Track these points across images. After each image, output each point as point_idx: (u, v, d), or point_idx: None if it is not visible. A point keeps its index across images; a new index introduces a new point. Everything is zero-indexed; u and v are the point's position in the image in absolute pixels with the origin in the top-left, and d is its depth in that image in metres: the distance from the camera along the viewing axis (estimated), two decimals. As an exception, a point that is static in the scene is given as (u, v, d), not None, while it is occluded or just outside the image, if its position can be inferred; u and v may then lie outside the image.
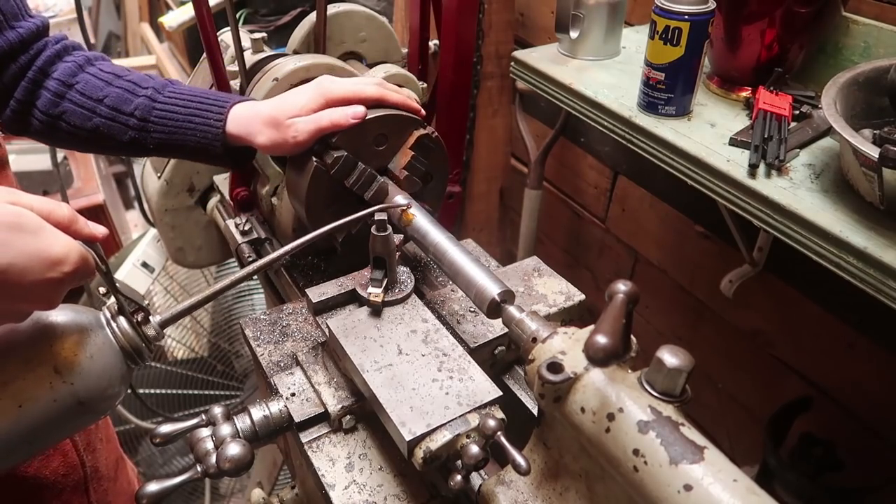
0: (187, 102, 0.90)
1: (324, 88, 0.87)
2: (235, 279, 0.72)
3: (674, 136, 1.00)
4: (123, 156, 0.98)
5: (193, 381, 2.13)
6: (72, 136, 0.92)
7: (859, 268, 0.79)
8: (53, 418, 0.61)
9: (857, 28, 1.01)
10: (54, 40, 0.93)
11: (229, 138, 0.89)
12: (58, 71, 0.91)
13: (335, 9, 1.22)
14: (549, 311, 0.88)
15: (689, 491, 0.49)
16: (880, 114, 0.88)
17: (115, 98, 0.90)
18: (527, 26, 1.76)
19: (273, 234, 1.20)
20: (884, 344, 1.14)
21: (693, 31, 0.95)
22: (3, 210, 0.53)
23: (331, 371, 0.83)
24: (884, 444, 1.19)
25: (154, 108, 0.90)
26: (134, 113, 0.90)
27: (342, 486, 0.74)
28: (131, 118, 0.90)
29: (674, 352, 0.55)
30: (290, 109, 0.86)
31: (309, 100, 0.86)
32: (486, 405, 0.69)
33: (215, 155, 0.91)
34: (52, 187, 2.57)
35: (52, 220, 0.57)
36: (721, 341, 1.48)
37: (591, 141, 1.69)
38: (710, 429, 1.56)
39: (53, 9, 3.31)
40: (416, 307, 0.82)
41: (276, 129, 0.86)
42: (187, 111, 0.89)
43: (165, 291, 2.13)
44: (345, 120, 0.84)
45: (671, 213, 1.51)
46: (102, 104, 0.90)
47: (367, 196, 0.89)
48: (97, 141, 0.92)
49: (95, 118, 0.90)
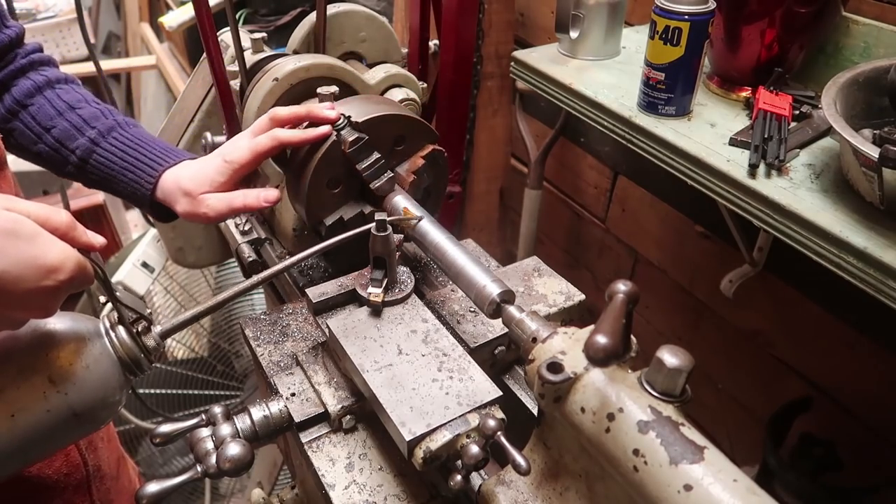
0: (124, 155, 0.92)
1: (230, 161, 0.86)
2: (239, 290, 0.72)
3: (674, 136, 1.00)
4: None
5: (193, 381, 2.13)
6: (18, 151, 0.96)
7: (859, 268, 0.79)
8: (48, 428, 0.60)
9: (857, 28, 1.01)
10: (24, 53, 0.94)
11: (155, 199, 0.91)
12: (17, 88, 0.93)
13: (335, 9, 1.22)
14: (549, 311, 0.88)
15: (689, 491, 0.49)
16: (880, 114, 0.88)
17: (62, 132, 0.92)
18: (527, 26, 1.76)
19: (273, 234, 1.20)
20: (884, 344, 1.14)
21: (693, 31, 0.95)
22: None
23: (331, 371, 0.83)
24: (884, 444, 1.19)
25: (94, 153, 0.92)
26: (75, 151, 0.92)
27: (342, 486, 0.74)
28: (72, 155, 0.92)
29: (674, 352, 0.55)
30: (203, 184, 0.86)
31: (217, 173, 0.86)
32: (486, 405, 0.69)
33: (144, 207, 0.94)
34: (51, 187, 2.57)
35: (48, 226, 0.57)
36: (721, 341, 1.48)
37: (591, 141, 1.68)
38: (710, 429, 1.56)
39: (53, 9, 3.31)
40: (416, 307, 0.82)
41: (191, 203, 0.87)
42: (123, 165, 0.92)
43: (165, 291, 2.12)
44: (257, 203, 0.85)
45: (671, 213, 1.51)
46: (49, 134, 0.92)
47: (374, 186, 0.89)
48: (41, 164, 0.96)
49: (40, 145, 0.93)
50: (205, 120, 1.34)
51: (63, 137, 0.92)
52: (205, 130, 1.23)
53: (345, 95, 1.04)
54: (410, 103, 1.12)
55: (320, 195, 0.91)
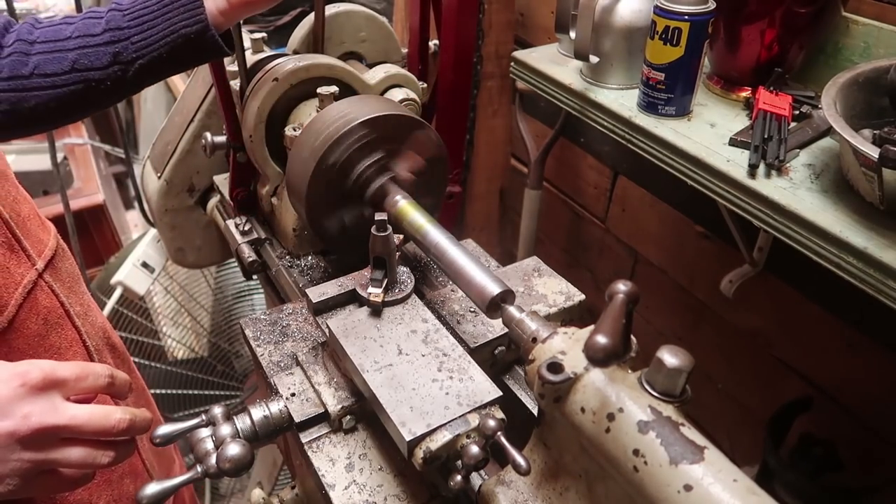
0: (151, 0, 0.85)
1: None
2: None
3: (674, 136, 1.00)
4: (105, 101, 0.88)
5: (193, 381, 2.13)
6: (49, 91, 0.83)
7: (859, 268, 0.79)
8: None
9: (857, 28, 1.01)
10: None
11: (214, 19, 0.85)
12: (13, 34, 0.84)
13: (335, 9, 1.22)
14: (550, 311, 0.88)
15: (689, 491, 0.49)
16: (880, 114, 0.88)
17: (80, 28, 0.84)
18: (527, 26, 1.76)
19: (273, 234, 1.20)
20: (884, 344, 1.14)
21: (693, 31, 0.95)
22: None
23: (331, 371, 0.83)
24: (884, 444, 1.19)
25: (124, 16, 0.84)
26: (105, 30, 0.84)
27: (342, 486, 0.74)
28: (103, 35, 0.83)
29: (674, 352, 0.55)
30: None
31: None
32: (486, 405, 0.69)
33: (202, 39, 0.85)
34: (52, 187, 2.56)
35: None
36: (721, 341, 1.48)
37: (591, 141, 1.68)
38: (710, 429, 1.56)
39: (53, 9, 3.31)
40: (416, 307, 0.82)
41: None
42: (158, 1, 0.84)
43: (165, 291, 2.12)
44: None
45: (671, 213, 1.51)
46: (70, 40, 0.83)
47: (374, 186, 0.90)
48: (77, 83, 0.84)
49: (69, 54, 0.83)
50: (205, 120, 1.34)
51: (84, 31, 0.84)
52: (205, 130, 1.23)
53: (345, 95, 1.04)
54: (410, 103, 1.12)
55: (321, 196, 0.91)
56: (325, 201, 0.91)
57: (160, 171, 1.42)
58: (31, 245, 0.81)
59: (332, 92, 1.01)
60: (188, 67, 0.90)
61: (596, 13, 1.05)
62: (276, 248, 1.17)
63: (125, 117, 3.38)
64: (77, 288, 0.89)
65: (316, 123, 0.92)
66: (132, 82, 0.86)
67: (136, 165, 1.93)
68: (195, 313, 2.18)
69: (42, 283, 0.81)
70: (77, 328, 0.86)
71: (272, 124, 1.09)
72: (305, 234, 1.12)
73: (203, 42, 0.85)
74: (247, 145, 1.12)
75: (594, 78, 1.15)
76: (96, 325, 0.92)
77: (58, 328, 0.83)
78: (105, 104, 0.89)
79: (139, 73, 0.85)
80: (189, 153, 1.38)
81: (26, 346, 0.78)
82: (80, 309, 0.88)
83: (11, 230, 0.79)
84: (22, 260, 0.79)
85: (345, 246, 0.99)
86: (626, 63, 1.10)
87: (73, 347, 0.85)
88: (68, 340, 0.84)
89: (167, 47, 0.84)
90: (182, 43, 0.84)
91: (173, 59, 0.86)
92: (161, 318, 2.15)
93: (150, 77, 0.87)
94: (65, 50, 0.83)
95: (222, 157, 1.27)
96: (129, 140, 3.27)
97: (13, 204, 0.81)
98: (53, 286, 0.83)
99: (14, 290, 0.77)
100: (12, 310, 0.76)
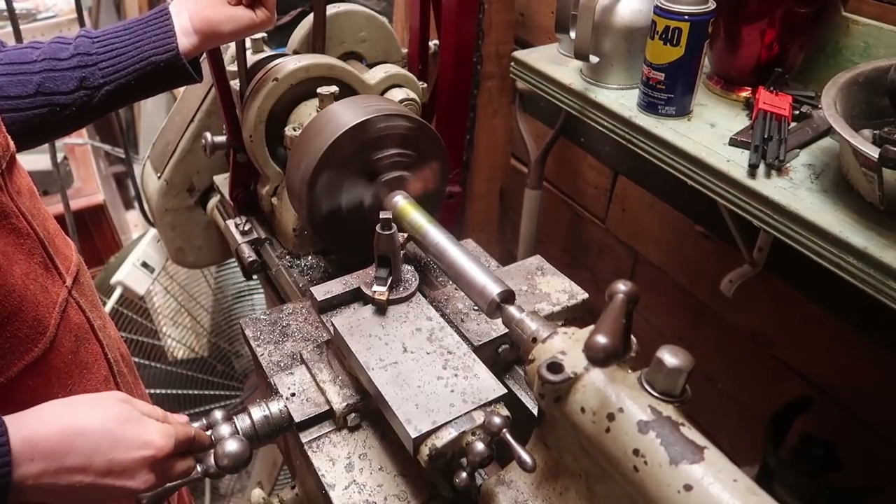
0: (121, 29, 0.86)
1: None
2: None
3: (674, 136, 1.00)
4: (69, 126, 0.88)
5: (193, 381, 2.13)
6: (11, 115, 0.82)
7: (859, 268, 0.79)
8: None
9: (857, 28, 1.01)
10: None
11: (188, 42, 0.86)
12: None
13: (335, 9, 1.22)
14: (553, 309, 0.88)
15: (689, 491, 0.49)
16: (880, 114, 0.88)
17: (47, 51, 0.84)
18: (527, 26, 1.76)
19: (273, 234, 1.20)
20: (884, 344, 1.14)
21: (693, 31, 0.95)
22: None
23: (335, 369, 0.83)
24: (884, 444, 1.19)
25: (93, 43, 0.84)
26: (73, 55, 0.83)
27: (342, 486, 0.74)
28: (71, 60, 0.83)
29: (674, 352, 0.55)
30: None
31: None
32: (491, 402, 0.69)
33: (173, 66, 0.85)
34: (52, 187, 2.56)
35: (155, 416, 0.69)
36: (721, 341, 1.48)
37: (591, 141, 1.68)
38: (710, 429, 1.56)
39: (54, 9, 3.31)
40: (420, 305, 0.82)
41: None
42: (127, 30, 0.85)
43: (165, 291, 2.12)
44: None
45: (671, 213, 1.51)
46: (36, 63, 0.83)
47: (385, 178, 0.91)
48: (41, 106, 0.83)
49: (34, 77, 0.82)
50: (205, 120, 1.35)
51: (51, 55, 0.83)
52: (205, 130, 1.23)
53: (345, 95, 1.04)
54: (410, 103, 1.12)
55: (321, 196, 0.91)
56: (325, 201, 0.91)
57: (160, 171, 1.42)
58: (61, 262, 0.79)
59: (332, 92, 1.01)
60: (155, 93, 0.91)
61: (596, 13, 1.04)
62: (276, 248, 1.17)
63: (125, 117, 3.38)
64: (96, 301, 0.87)
65: (316, 123, 0.92)
66: (98, 108, 0.86)
67: (136, 165, 1.94)
68: (195, 313, 2.18)
69: (71, 301, 0.79)
70: (100, 342, 0.84)
71: (272, 124, 1.09)
72: (305, 234, 1.12)
73: (174, 70, 0.86)
74: (247, 145, 1.12)
75: (594, 78, 1.15)
76: (113, 338, 0.89)
77: (86, 343, 0.80)
78: (69, 129, 0.89)
79: (105, 98, 0.85)
80: (189, 153, 1.38)
81: (62, 364, 0.76)
82: (101, 322, 0.85)
83: (45, 249, 0.76)
84: (55, 278, 0.77)
85: (345, 246, 0.99)
86: (627, 63, 1.10)
87: (97, 362, 0.82)
88: (94, 355, 0.82)
89: (135, 74, 0.85)
90: (151, 70, 0.85)
91: (141, 85, 0.86)
92: (161, 318, 2.15)
93: (116, 103, 0.88)
94: (30, 73, 0.82)
95: (222, 157, 1.27)
96: (129, 140, 3.27)
97: (43, 222, 0.78)
98: (80, 302, 0.81)
99: (52, 309, 0.74)
100: (52, 330, 0.74)
